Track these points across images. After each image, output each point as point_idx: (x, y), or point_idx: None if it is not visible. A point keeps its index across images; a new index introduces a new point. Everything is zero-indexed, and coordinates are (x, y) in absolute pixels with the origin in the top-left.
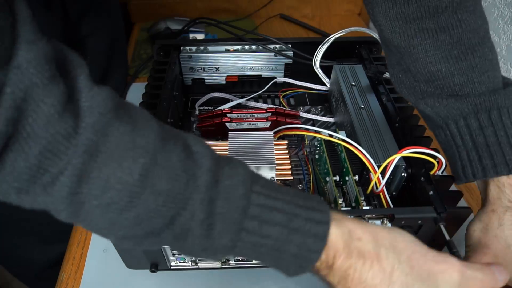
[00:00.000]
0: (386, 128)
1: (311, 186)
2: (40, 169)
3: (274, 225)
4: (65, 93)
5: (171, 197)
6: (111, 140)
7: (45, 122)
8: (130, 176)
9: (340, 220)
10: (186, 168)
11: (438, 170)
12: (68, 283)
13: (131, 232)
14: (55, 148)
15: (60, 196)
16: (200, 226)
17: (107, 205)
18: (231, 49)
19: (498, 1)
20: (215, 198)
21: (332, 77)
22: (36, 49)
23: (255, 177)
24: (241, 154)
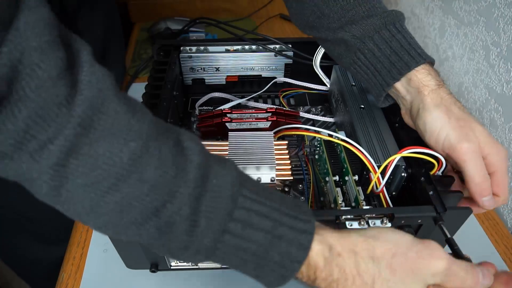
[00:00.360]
0: (386, 128)
1: (311, 186)
2: (27, 134)
3: (258, 230)
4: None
5: (158, 188)
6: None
7: (37, 86)
8: (119, 158)
9: (322, 235)
10: (176, 162)
11: (438, 170)
12: (68, 283)
13: (112, 220)
14: (45, 113)
15: (46, 164)
16: (185, 221)
17: (90, 184)
18: (231, 49)
19: (498, 1)
20: (202, 195)
21: (332, 77)
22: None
23: (245, 180)
24: (241, 154)
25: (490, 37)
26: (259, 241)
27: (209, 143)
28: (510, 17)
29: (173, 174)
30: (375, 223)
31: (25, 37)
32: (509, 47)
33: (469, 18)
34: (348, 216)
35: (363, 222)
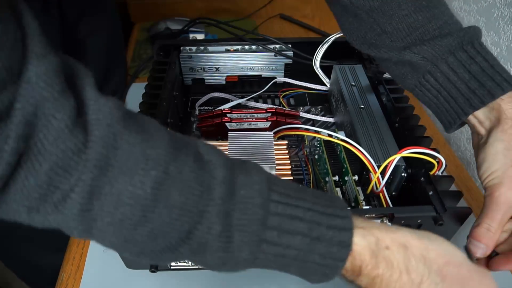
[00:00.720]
0: (386, 128)
1: (311, 186)
2: (50, 187)
3: (295, 235)
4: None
5: (186, 210)
6: (121, 153)
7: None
8: (142, 190)
9: (366, 228)
10: (200, 180)
11: (438, 170)
12: (68, 283)
13: (146, 248)
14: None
15: (71, 213)
16: (217, 239)
17: (120, 222)
18: (231, 49)
19: (498, 1)
20: (231, 210)
21: (332, 77)
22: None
23: (272, 183)
24: (241, 154)
25: (490, 37)
26: (298, 245)
27: (209, 143)
28: (510, 17)
29: (199, 193)
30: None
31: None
32: (509, 47)
33: (469, 18)
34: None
35: None
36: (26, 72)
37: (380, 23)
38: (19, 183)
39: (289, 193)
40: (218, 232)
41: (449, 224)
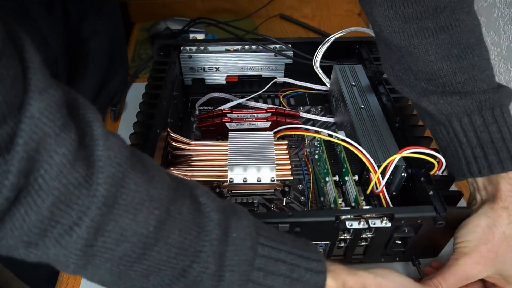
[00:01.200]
0: (386, 128)
1: (311, 186)
2: (51, 221)
3: (278, 276)
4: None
5: (183, 249)
6: (128, 193)
7: (57, 173)
8: (145, 228)
9: (334, 272)
10: (197, 221)
11: (438, 170)
12: (68, 283)
13: (138, 284)
14: (67, 198)
15: (74, 248)
16: (211, 278)
17: (118, 258)
18: (231, 49)
19: (498, 1)
20: (225, 251)
21: (332, 77)
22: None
23: (259, 227)
24: (241, 154)
25: (490, 37)
26: (280, 286)
27: (209, 143)
28: (510, 17)
29: (196, 234)
30: (375, 223)
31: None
32: (509, 47)
33: None
34: (348, 216)
35: (363, 222)
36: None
37: (406, 60)
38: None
39: (272, 237)
40: (212, 271)
41: (449, 224)
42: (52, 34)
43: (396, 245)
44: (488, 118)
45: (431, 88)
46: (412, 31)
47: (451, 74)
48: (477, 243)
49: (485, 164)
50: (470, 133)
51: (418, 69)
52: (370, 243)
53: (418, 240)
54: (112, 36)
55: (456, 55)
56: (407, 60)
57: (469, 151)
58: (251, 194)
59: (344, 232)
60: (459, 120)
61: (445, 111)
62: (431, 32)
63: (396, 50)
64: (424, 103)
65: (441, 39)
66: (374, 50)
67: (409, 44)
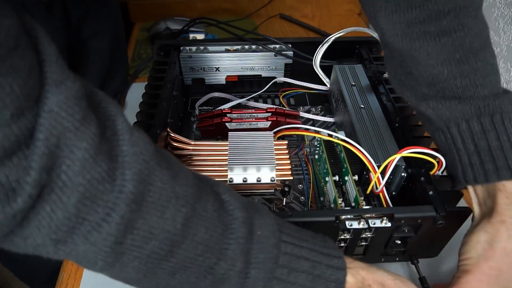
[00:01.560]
0: (386, 128)
1: (311, 186)
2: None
3: (301, 273)
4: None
5: (209, 247)
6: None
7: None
8: (172, 226)
9: (354, 269)
10: (221, 219)
11: (438, 170)
12: (68, 283)
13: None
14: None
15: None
16: (238, 275)
17: (147, 256)
18: (231, 49)
19: (498, 1)
20: (251, 249)
21: (332, 77)
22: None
23: (280, 225)
24: (241, 154)
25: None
26: (303, 282)
27: (209, 143)
28: (510, 17)
29: (221, 231)
30: (375, 223)
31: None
32: (509, 47)
33: None
34: (348, 216)
35: (363, 222)
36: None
37: (408, 64)
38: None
39: (293, 234)
40: (239, 269)
41: (449, 224)
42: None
43: (396, 245)
44: (486, 125)
45: (431, 92)
46: (415, 35)
47: (451, 78)
48: (478, 260)
49: (481, 172)
50: (468, 139)
51: (419, 74)
52: (370, 243)
53: (418, 240)
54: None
55: (458, 60)
56: (409, 64)
57: (466, 158)
58: (251, 194)
59: (344, 232)
60: (457, 125)
61: (444, 116)
62: (433, 36)
63: (398, 54)
64: (423, 108)
65: (443, 43)
66: (374, 50)
67: (411, 47)
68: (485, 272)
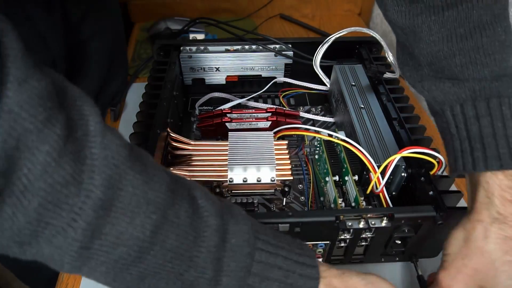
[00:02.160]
0: (386, 128)
1: (311, 186)
2: (41, 223)
3: (273, 281)
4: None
5: (179, 254)
6: (124, 194)
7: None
8: (142, 232)
9: (327, 278)
10: (194, 225)
11: (438, 170)
12: (68, 283)
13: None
14: (55, 198)
15: (69, 249)
16: (208, 282)
17: (114, 262)
18: (231, 49)
19: None
20: (223, 256)
21: (332, 77)
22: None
23: (257, 231)
24: (241, 154)
25: None
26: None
27: (209, 143)
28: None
29: (192, 238)
30: (375, 223)
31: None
32: None
33: None
34: (348, 216)
35: (363, 222)
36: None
37: (410, 42)
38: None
39: (269, 241)
40: (210, 276)
41: (449, 224)
42: (51, 35)
43: (396, 245)
44: (481, 109)
45: (431, 73)
46: (418, 10)
47: (450, 56)
48: (454, 257)
49: (470, 159)
50: (461, 124)
51: (419, 52)
52: (370, 243)
53: (418, 240)
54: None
55: (461, 35)
56: (411, 43)
57: (458, 144)
58: (251, 194)
59: (344, 232)
60: (451, 109)
61: (439, 99)
62: (437, 10)
63: (401, 32)
64: (418, 89)
65: (446, 17)
66: (374, 50)
67: (413, 24)
68: (460, 269)
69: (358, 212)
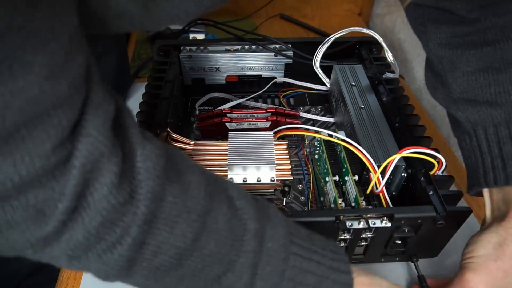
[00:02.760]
0: (386, 128)
1: (311, 186)
2: (96, 239)
3: (306, 286)
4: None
5: (218, 258)
6: (166, 205)
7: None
8: (182, 242)
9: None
10: (233, 230)
11: (438, 170)
12: (68, 283)
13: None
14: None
15: (116, 264)
16: (244, 286)
17: (155, 268)
18: (231, 49)
19: None
20: (259, 261)
21: (332, 77)
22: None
23: (292, 234)
24: (241, 154)
25: None
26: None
27: (209, 143)
28: None
29: (231, 242)
30: (375, 223)
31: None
32: None
33: None
34: (348, 216)
35: (363, 222)
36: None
37: (446, 71)
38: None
39: (303, 245)
40: (245, 281)
41: (449, 224)
42: None
43: (396, 245)
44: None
45: (464, 97)
46: (458, 44)
47: (486, 85)
48: (486, 259)
49: (503, 174)
50: (493, 143)
51: (453, 80)
52: (370, 243)
53: (418, 240)
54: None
55: (497, 68)
56: (446, 71)
57: (489, 161)
58: None
59: (344, 232)
60: (484, 129)
61: (472, 119)
62: (476, 45)
63: (437, 62)
64: (453, 110)
65: (484, 52)
66: (374, 50)
67: (452, 54)
68: (492, 271)
69: (358, 212)
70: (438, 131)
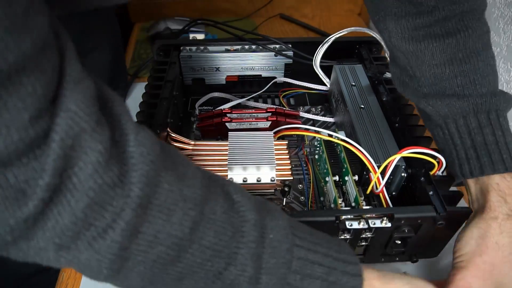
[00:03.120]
0: (386, 128)
1: (311, 186)
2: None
3: (315, 278)
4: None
5: (218, 251)
6: (161, 192)
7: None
8: (180, 230)
9: (367, 280)
10: (231, 221)
11: (438, 170)
12: (68, 283)
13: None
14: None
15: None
16: (248, 281)
17: (152, 261)
18: (231, 49)
19: (498, 1)
20: (262, 253)
21: (332, 77)
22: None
23: (294, 227)
24: (241, 154)
25: None
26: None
27: (209, 143)
28: (510, 17)
29: (230, 234)
30: (375, 223)
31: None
32: (509, 47)
33: None
34: (348, 216)
35: (363, 222)
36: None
37: (412, 66)
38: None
39: (307, 238)
40: (250, 274)
41: (449, 224)
42: None
43: (396, 245)
44: (483, 121)
45: (432, 92)
46: (421, 37)
47: (452, 77)
48: (472, 256)
49: (477, 165)
50: (465, 135)
51: (421, 74)
52: (370, 243)
53: (418, 240)
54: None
55: (460, 59)
56: (413, 66)
57: (463, 153)
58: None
59: (344, 232)
60: (455, 121)
61: (442, 113)
62: (438, 37)
63: (403, 57)
64: (422, 105)
65: (447, 43)
66: (374, 50)
67: (417, 49)
68: (480, 266)
69: (358, 212)
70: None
